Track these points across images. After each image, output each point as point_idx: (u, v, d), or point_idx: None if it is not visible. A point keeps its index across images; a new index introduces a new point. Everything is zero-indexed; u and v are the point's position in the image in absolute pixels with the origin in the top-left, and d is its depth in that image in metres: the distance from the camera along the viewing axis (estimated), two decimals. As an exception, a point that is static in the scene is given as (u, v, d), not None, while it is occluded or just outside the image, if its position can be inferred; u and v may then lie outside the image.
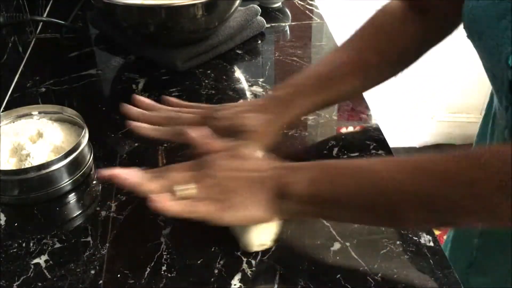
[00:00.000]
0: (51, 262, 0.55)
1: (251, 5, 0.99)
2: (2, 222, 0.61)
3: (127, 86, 0.87)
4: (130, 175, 0.53)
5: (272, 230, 0.56)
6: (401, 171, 0.48)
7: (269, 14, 1.10)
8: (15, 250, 0.57)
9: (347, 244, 0.57)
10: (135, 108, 0.68)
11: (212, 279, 0.53)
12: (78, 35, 1.04)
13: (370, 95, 0.76)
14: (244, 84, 0.88)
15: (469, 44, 0.58)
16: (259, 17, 0.99)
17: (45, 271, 0.54)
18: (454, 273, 0.53)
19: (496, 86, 0.58)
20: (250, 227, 0.54)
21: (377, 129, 0.75)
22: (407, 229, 0.58)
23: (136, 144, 0.72)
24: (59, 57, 0.97)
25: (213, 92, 0.85)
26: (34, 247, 0.57)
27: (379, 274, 0.53)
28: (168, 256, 0.56)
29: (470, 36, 0.56)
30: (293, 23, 1.08)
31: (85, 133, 0.66)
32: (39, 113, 0.71)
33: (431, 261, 0.55)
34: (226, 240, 0.57)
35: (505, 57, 0.49)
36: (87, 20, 1.07)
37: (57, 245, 0.57)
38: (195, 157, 0.56)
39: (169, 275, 0.54)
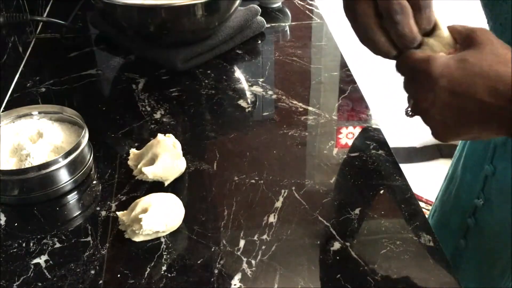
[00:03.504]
0: (51, 262, 0.55)
1: (251, 5, 0.99)
2: (2, 222, 0.61)
3: (127, 86, 0.87)
4: None
5: None
6: None
7: (269, 14, 1.10)
8: (15, 250, 0.57)
9: (347, 244, 0.57)
10: None
11: (212, 279, 0.53)
12: (78, 35, 1.04)
13: (370, 95, 0.76)
14: (244, 84, 0.88)
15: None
16: (259, 17, 0.99)
17: (45, 271, 0.54)
18: (455, 272, 0.53)
19: None
20: None
21: (377, 129, 0.75)
22: (407, 229, 0.58)
23: (136, 144, 0.72)
24: (59, 57, 0.97)
25: (213, 92, 0.85)
26: (34, 247, 0.57)
27: (379, 274, 0.53)
28: (168, 256, 0.56)
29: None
30: (293, 23, 1.08)
31: (85, 133, 0.66)
32: (39, 113, 0.71)
33: (431, 261, 0.55)
34: (226, 240, 0.57)
35: None
36: (87, 20, 1.07)
37: (57, 245, 0.57)
38: None
39: (169, 275, 0.54)
